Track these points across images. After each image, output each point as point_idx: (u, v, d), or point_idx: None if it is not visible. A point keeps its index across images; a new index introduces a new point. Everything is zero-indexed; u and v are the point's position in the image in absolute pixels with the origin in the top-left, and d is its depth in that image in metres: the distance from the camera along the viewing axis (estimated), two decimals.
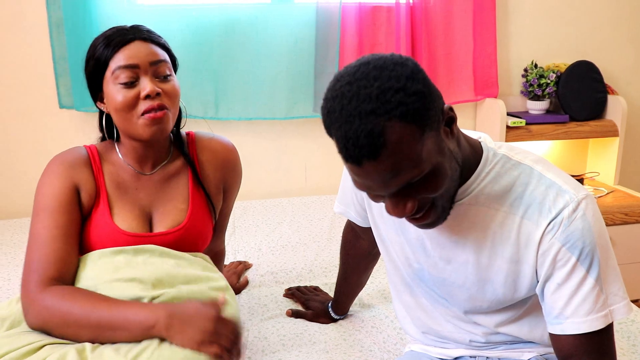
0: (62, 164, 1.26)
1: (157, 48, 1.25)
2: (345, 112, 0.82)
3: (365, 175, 0.85)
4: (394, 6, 2.52)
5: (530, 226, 0.96)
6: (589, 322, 0.94)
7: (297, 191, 2.73)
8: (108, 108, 1.26)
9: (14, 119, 2.43)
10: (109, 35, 1.23)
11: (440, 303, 1.15)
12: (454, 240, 1.03)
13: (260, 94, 2.53)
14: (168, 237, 1.28)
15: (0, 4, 2.31)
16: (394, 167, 0.82)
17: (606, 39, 2.86)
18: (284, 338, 1.48)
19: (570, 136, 2.66)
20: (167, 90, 1.24)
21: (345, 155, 0.84)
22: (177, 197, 1.33)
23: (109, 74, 1.21)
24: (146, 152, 1.31)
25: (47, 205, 1.22)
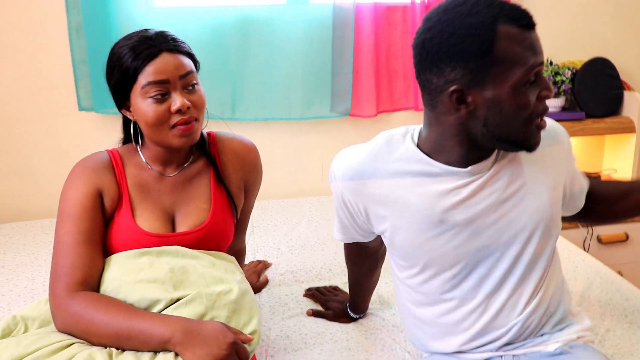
0: (85, 169, 1.29)
1: (183, 58, 1.26)
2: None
3: (534, 39, 1.02)
4: (409, 5, 2.53)
5: (554, 149, 1.19)
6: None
7: (314, 191, 2.74)
8: (136, 118, 1.28)
9: (35, 121, 2.46)
10: (135, 47, 1.22)
11: (490, 288, 1.16)
12: (500, 201, 1.13)
13: (276, 95, 2.55)
14: (190, 236, 1.30)
15: (22, 9, 2.35)
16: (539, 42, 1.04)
17: (621, 35, 2.85)
18: (305, 337, 1.49)
19: (587, 133, 2.65)
20: (195, 102, 1.26)
21: (524, 19, 1.00)
22: (199, 197, 1.35)
23: (138, 87, 1.22)
24: (171, 155, 1.34)
25: (71, 211, 1.24)
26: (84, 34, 2.33)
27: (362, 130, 2.71)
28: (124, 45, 1.25)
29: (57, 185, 2.46)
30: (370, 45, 2.53)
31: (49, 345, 1.09)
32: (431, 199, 1.12)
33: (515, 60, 0.99)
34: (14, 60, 2.39)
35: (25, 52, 2.39)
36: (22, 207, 2.53)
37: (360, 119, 2.67)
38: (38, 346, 1.09)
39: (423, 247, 1.16)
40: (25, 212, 2.52)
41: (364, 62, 2.55)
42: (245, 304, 1.23)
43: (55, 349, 1.09)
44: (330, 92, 2.58)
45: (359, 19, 2.51)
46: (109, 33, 2.33)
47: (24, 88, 2.43)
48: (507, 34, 0.98)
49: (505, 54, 0.98)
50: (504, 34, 0.98)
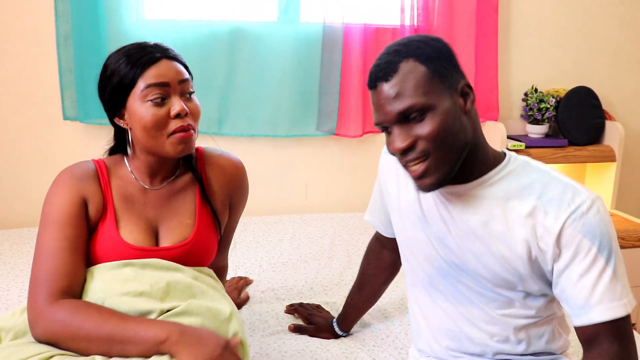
0: (71, 176, 1.27)
1: (181, 66, 1.27)
2: (380, 54, 1.06)
3: (377, 98, 1.04)
4: (399, 28, 2.55)
5: (549, 219, 1.03)
6: (613, 308, 1.00)
7: (298, 209, 2.74)
8: (130, 124, 1.26)
9: (19, 129, 2.44)
10: (135, 53, 1.22)
11: (462, 303, 1.18)
12: (475, 233, 1.10)
13: (263, 111, 2.55)
14: (173, 251, 1.28)
15: (11, 16, 2.34)
16: (399, 91, 1.01)
17: (605, 66, 2.91)
18: (285, 354, 1.48)
19: (569, 160, 2.69)
20: (192, 110, 1.25)
21: (368, 81, 1.06)
22: (184, 212, 1.33)
23: (137, 91, 1.21)
24: (159, 167, 1.32)
25: (55, 218, 1.22)
26: (72, 43, 2.32)
27: (347, 150, 2.72)
28: (121, 54, 1.24)
29: (38, 193, 2.43)
30: (358, 66, 2.55)
31: (29, 358, 1.06)
32: (414, 200, 1.20)
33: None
34: (1, 66, 2.37)
35: (13, 59, 2.37)
36: (0, 215, 2.49)
37: (345, 139, 2.68)
38: (16, 359, 1.06)
39: (406, 243, 1.25)
40: (3, 220, 2.48)
41: (351, 82, 2.57)
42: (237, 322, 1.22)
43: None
44: (316, 110, 2.59)
45: (347, 39, 2.53)
46: (97, 43, 2.33)
47: (9, 95, 2.40)
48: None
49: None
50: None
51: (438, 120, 1.01)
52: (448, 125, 1.02)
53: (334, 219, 2.55)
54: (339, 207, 2.76)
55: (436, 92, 1.01)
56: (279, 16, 2.51)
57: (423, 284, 1.25)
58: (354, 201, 2.78)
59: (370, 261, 1.52)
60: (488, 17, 2.65)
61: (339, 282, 1.94)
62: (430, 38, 1.07)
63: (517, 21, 2.77)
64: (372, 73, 1.04)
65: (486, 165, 1.10)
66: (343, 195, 2.78)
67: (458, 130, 1.03)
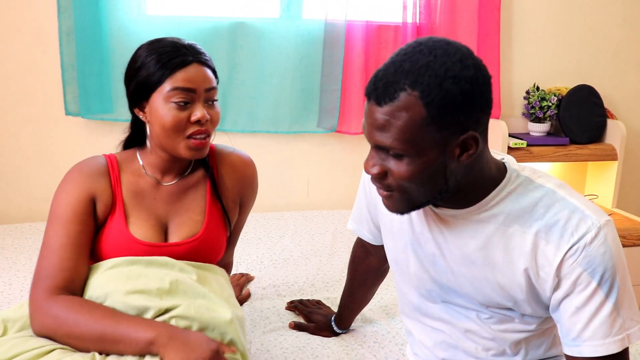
0: (79, 173, 1.27)
1: (210, 73, 1.27)
2: (392, 59, 0.92)
3: (366, 113, 0.94)
4: (400, 25, 2.55)
5: (550, 248, 0.97)
6: (606, 345, 0.96)
7: (299, 205, 2.74)
8: (150, 119, 1.27)
9: (21, 124, 2.44)
10: (168, 52, 1.23)
11: (456, 319, 1.15)
12: (471, 258, 1.05)
13: (264, 108, 2.55)
14: (182, 247, 1.29)
15: (13, 11, 2.34)
16: (385, 123, 0.90)
17: (607, 64, 2.91)
18: (286, 351, 1.48)
19: (570, 159, 2.69)
20: (212, 117, 1.27)
21: (366, 87, 0.93)
22: (194, 208, 1.34)
23: (163, 90, 1.22)
24: (172, 164, 1.33)
25: (61, 214, 1.22)
26: (74, 38, 2.32)
27: (348, 147, 2.72)
28: (155, 48, 1.24)
29: (39, 189, 2.46)
30: (360, 63, 2.55)
31: (29, 351, 1.07)
32: (405, 221, 1.14)
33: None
34: (3, 61, 2.37)
35: (15, 54, 2.37)
36: (2, 209, 2.49)
37: (346, 136, 2.68)
38: (17, 351, 1.06)
39: (398, 262, 1.20)
40: (5, 215, 2.48)
41: (353, 79, 2.57)
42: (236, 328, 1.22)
43: (35, 354, 1.06)
44: (318, 107, 2.59)
45: (349, 36, 2.53)
46: (99, 39, 2.33)
47: (11, 90, 2.40)
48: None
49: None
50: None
51: (413, 168, 0.92)
52: (424, 174, 0.93)
53: (335, 216, 2.55)
54: (340, 204, 2.76)
55: (425, 141, 0.90)
56: (281, 13, 2.51)
57: (413, 304, 1.21)
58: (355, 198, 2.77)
59: (357, 268, 1.48)
60: (490, 15, 2.64)
61: (340, 278, 1.94)
62: (470, 72, 0.89)
63: (519, 19, 2.77)
64: (371, 83, 0.92)
65: (484, 188, 1.01)
66: (344, 192, 2.78)
67: (436, 180, 0.94)
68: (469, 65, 0.90)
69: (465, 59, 0.90)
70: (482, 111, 0.92)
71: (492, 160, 1.02)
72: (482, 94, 0.91)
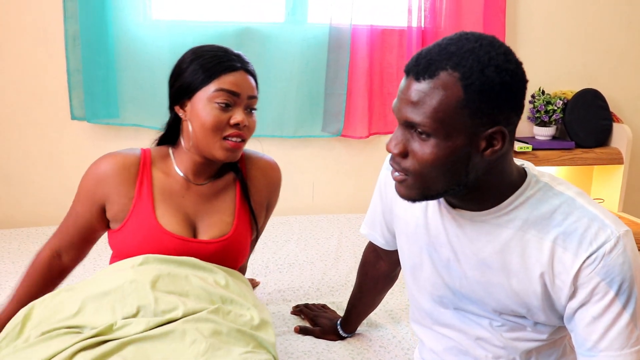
0: (106, 167, 1.33)
1: (254, 82, 1.34)
2: (437, 42, 0.92)
3: (401, 89, 0.93)
4: (405, 29, 2.55)
5: (567, 256, 0.95)
6: (622, 356, 0.95)
7: (304, 209, 2.74)
8: (190, 118, 1.30)
9: (27, 128, 2.45)
10: (221, 55, 1.29)
11: (468, 325, 1.14)
12: (486, 263, 1.04)
13: (270, 112, 2.55)
14: (212, 246, 1.33)
15: (20, 16, 2.35)
16: (419, 100, 0.90)
17: (613, 68, 2.90)
18: (292, 356, 1.48)
19: (576, 163, 2.68)
20: (250, 124, 1.32)
21: (407, 64, 0.93)
22: (224, 210, 1.38)
23: (208, 91, 1.27)
24: (204, 167, 1.36)
25: (77, 194, 1.36)
26: (80, 43, 2.33)
27: (353, 151, 2.72)
28: (205, 51, 1.31)
29: (45, 193, 2.47)
30: (365, 67, 2.55)
31: (52, 358, 1.05)
32: (422, 225, 1.13)
33: None
34: (9, 65, 2.39)
35: (21, 59, 2.39)
36: (8, 213, 2.50)
37: (352, 140, 2.68)
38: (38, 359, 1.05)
39: (410, 268, 1.19)
40: (11, 219, 2.49)
41: (358, 83, 2.57)
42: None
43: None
44: (323, 111, 2.60)
45: (355, 40, 2.53)
46: (105, 43, 2.34)
47: (17, 94, 2.42)
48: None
49: None
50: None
51: (438, 151, 0.91)
52: (447, 161, 0.92)
53: (341, 220, 2.55)
54: (345, 208, 2.76)
55: (456, 125, 0.89)
56: (286, 17, 2.52)
57: (425, 310, 1.20)
58: (361, 202, 2.77)
59: (367, 272, 1.47)
60: (495, 19, 2.64)
61: (346, 282, 1.94)
62: (512, 66, 0.90)
63: (524, 22, 2.77)
64: (412, 60, 0.93)
65: (504, 192, 1.00)
66: (349, 196, 2.78)
67: (457, 170, 0.93)
68: (512, 60, 0.91)
69: (509, 54, 0.91)
70: (514, 111, 0.92)
71: (514, 164, 1.02)
72: (518, 93, 0.92)
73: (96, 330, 1.09)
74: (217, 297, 1.22)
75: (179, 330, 1.10)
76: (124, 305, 1.13)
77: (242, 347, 1.14)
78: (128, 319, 1.12)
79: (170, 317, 1.13)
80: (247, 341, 1.16)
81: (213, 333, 1.13)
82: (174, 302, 1.16)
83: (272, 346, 1.21)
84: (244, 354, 1.12)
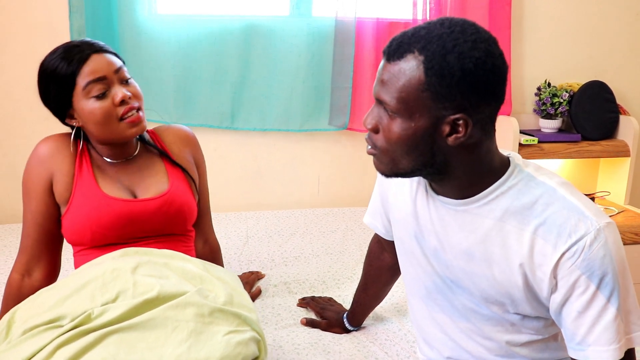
0: (42, 150, 1.39)
1: (111, 56, 1.35)
2: (420, 24, 0.96)
3: (379, 68, 0.97)
4: (411, 22, 2.55)
5: (547, 247, 0.95)
6: (611, 351, 0.94)
7: (310, 203, 2.75)
8: (83, 121, 1.34)
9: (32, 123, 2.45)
10: (65, 56, 1.31)
11: (459, 318, 1.15)
12: (469, 252, 1.05)
13: (276, 106, 2.56)
14: (154, 202, 1.38)
15: (25, 10, 2.36)
16: (388, 80, 0.94)
17: (619, 60, 2.89)
18: (298, 347, 1.49)
19: (582, 155, 2.67)
20: (133, 92, 1.35)
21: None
22: (156, 174, 1.44)
23: (79, 90, 1.31)
24: (120, 149, 1.41)
25: (25, 192, 1.40)
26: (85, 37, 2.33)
27: (359, 145, 2.72)
28: (52, 59, 1.33)
29: None
30: (370, 60, 2.55)
31: (34, 356, 1.05)
32: (411, 213, 1.14)
33: None
34: (15, 61, 2.40)
35: (27, 53, 2.39)
36: (16, 208, 2.51)
37: (357, 133, 2.68)
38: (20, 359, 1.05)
39: (404, 253, 1.21)
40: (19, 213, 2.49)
41: (364, 76, 2.57)
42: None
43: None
44: (329, 105, 2.60)
45: (360, 33, 2.53)
46: (110, 38, 2.34)
47: (23, 89, 2.42)
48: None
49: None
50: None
51: (401, 131, 0.95)
52: (409, 141, 0.95)
53: (346, 213, 2.56)
54: (350, 202, 2.77)
55: (418, 106, 0.92)
56: (291, 11, 2.52)
57: (421, 296, 1.20)
58: (366, 195, 2.77)
59: (372, 263, 1.49)
60: (501, 11, 2.63)
61: (351, 276, 1.94)
62: (478, 53, 0.90)
63: (530, 15, 2.76)
64: (390, 41, 0.96)
65: (486, 181, 1.01)
66: (355, 189, 2.78)
67: (422, 151, 0.96)
68: (481, 48, 0.91)
69: (480, 42, 0.91)
70: (484, 100, 0.93)
71: (497, 154, 1.02)
72: (488, 82, 0.92)
73: (75, 322, 1.08)
74: (198, 280, 1.23)
75: (160, 318, 1.10)
76: (104, 292, 1.13)
77: (226, 326, 1.14)
78: (107, 305, 1.11)
79: (146, 298, 1.11)
80: (230, 320, 1.16)
81: (195, 316, 1.12)
82: (152, 283, 1.15)
83: (255, 323, 1.21)
84: (228, 335, 1.12)
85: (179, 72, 2.44)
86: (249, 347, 1.14)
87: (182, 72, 2.45)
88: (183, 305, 1.13)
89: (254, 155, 2.67)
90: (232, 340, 1.11)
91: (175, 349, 1.07)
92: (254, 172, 2.68)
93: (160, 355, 1.05)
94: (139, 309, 1.10)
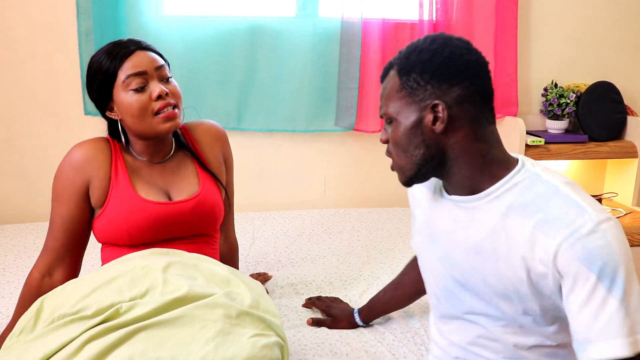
0: (78, 154, 1.43)
1: (155, 55, 1.41)
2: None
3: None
4: (417, 23, 2.55)
5: (547, 241, 0.96)
6: (615, 346, 0.90)
7: (316, 204, 2.75)
8: (121, 114, 1.39)
9: (41, 123, 2.47)
10: (110, 51, 1.37)
11: (469, 321, 1.15)
12: (478, 247, 1.07)
13: (282, 107, 2.56)
14: (188, 203, 1.43)
15: (33, 12, 2.37)
16: (382, 94, 1.11)
17: (626, 60, 2.88)
18: (305, 347, 1.49)
19: (589, 156, 2.66)
20: (171, 90, 1.40)
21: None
22: (188, 176, 1.49)
23: (120, 83, 1.36)
24: (155, 147, 1.45)
25: (56, 196, 1.43)
26: (93, 39, 2.35)
27: (365, 145, 2.72)
28: (100, 53, 1.39)
29: None
30: (376, 61, 2.55)
31: (61, 349, 1.05)
32: (428, 221, 1.19)
33: None
34: (23, 61, 2.41)
35: (35, 54, 2.41)
36: (25, 208, 2.53)
37: (364, 134, 2.68)
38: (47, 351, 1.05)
39: (421, 260, 1.25)
40: (28, 213, 2.52)
41: (370, 77, 2.57)
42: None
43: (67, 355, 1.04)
44: (335, 106, 2.60)
45: (366, 34, 2.53)
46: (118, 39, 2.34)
47: (31, 90, 2.44)
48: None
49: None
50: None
51: (397, 132, 1.07)
52: (404, 139, 1.06)
53: (352, 214, 2.56)
54: (357, 202, 2.76)
55: (402, 107, 1.06)
56: (298, 11, 2.52)
57: (437, 298, 1.22)
58: (372, 196, 2.78)
59: (410, 270, 1.53)
60: (508, 11, 2.63)
61: (358, 277, 1.94)
62: (434, 46, 1.04)
63: (537, 15, 2.75)
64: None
65: (491, 176, 1.05)
66: (361, 190, 2.78)
67: (416, 145, 1.06)
68: (439, 41, 1.04)
69: (439, 38, 1.05)
70: (448, 81, 1.02)
71: (501, 150, 1.08)
72: (448, 66, 1.02)
73: (103, 316, 1.09)
74: (225, 283, 1.25)
75: (188, 316, 1.11)
76: (133, 287, 1.15)
77: (252, 329, 1.15)
78: (135, 300, 1.12)
79: (175, 297, 1.13)
80: (256, 324, 1.17)
81: (223, 316, 1.13)
82: (181, 283, 1.16)
83: (279, 328, 1.22)
84: (253, 337, 1.13)
85: (185, 72, 2.44)
86: (273, 351, 1.15)
87: (188, 72, 2.45)
88: (211, 305, 1.14)
89: (260, 156, 2.67)
90: (258, 343, 1.12)
91: (202, 347, 1.07)
92: (260, 172, 2.68)
93: (188, 352, 1.06)
94: (167, 307, 1.12)
